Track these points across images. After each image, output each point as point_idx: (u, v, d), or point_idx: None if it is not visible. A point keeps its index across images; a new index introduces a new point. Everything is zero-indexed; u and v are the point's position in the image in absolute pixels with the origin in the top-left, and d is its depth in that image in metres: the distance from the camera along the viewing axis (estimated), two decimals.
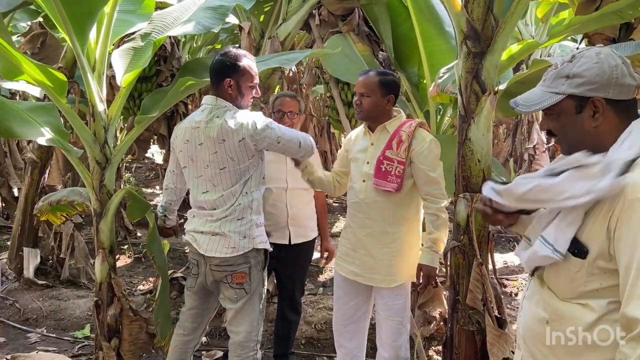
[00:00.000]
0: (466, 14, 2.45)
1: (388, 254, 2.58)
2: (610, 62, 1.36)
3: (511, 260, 5.64)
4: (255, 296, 2.52)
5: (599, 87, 1.35)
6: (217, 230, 2.46)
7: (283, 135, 2.47)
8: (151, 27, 3.16)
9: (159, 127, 5.00)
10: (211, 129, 2.42)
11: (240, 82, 2.48)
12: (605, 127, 1.37)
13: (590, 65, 1.36)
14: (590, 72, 1.36)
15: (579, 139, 1.42)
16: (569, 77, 1.39)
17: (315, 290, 4.66)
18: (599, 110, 1.36)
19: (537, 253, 1.42)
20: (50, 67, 2.72)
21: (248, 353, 2.52)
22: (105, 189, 2.87)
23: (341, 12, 4.08)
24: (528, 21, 6.23)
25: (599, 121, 1.37)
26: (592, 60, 1.37)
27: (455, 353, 2.57)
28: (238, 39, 5.76)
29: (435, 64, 3.54)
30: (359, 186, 2.63)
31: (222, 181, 2.46)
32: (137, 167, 10.70)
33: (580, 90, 1.37)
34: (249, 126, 2.39)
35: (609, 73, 1.35)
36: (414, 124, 2.58)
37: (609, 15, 2.44)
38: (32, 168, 4.69)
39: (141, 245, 5.75)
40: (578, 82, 1.37)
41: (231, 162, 2.42)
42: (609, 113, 1.37)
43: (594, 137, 1.39)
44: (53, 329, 3.96)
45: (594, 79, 1.35)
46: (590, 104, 1.37)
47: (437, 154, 2.56)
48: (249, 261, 2.48)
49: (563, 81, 1.40)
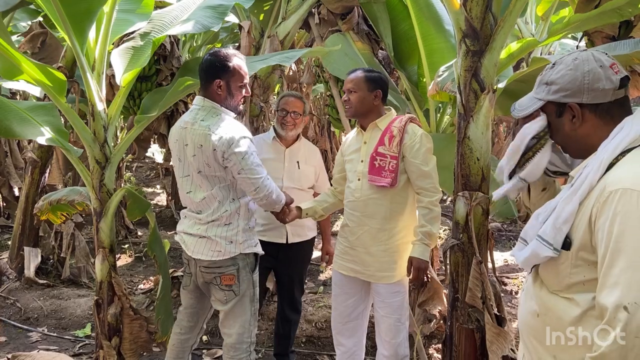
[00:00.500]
0: (465, 12, 2.45)
1: (386, 250, 2.61)
2: (584, 68, 1.40)
3: (511, 259, 5.64)
4: (245, 298, 2.52)
5: (571, 94, 1.41)
6: (204, 233, 2.48)
7: (250, 170, 2.40)
8: (150, 26, 3.16)
9: (159, 127, 4.99)
10: (194, 131, 2.43)
11: (230, 82, 2.47)
12: (587, 130, 1.42)
13: (565, 72, 1.42)
14: (563, 80, 1.42)
15: (564, 141, 1.50)
16: (547, 84, 1.46)
17: (315, 289, 4.66)
18: (576, 114, 1.41)
19: (539, 254, 1.42)
20: (50, 66, 2.73)
21: (241, 355, 2.54)
22: (105, 188, 2.87)
23: (341, 11, 4.08)
24: (528, 19, 6.22)
25: (576, 125, 1.43)
26: (567, 67, 1.42)
27: (454, 351, 2.58)
28: (238, 38, 5.75)
29: (434, 63, 3.54)
30: (355, 185, 2.66)
31: (202, 183, 2.48)
32: (138, 166, 10.71)
33: (556, 97, 1.44)
34: (224, 140, 2.36)
35: (580, 80, 1.40)
36: (404, 119, 2.61)
37: (609, 13, 2.44)
38: (33, 167, 4.70)
39: (142, 245, 5.76)
40: (554, 89, 1.44)
41: (206, 167, 2.43)
42: (589, 116, 1.42)
43: (578, 140, 1.45)
44: (54, 328, 3.97)
45: (566, 86, 1.42)
46: (568, 109, 1.43)
47: (428, 147, 2.58)
48: (236, 263, 2.49)
49: (543, 88, 1.47)
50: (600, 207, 1.29)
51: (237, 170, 2.39)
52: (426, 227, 2.56)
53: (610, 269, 1.24)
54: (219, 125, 2.40)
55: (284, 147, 3.20)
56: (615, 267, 1.23)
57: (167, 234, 6.24)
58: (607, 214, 1.27)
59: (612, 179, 1.30)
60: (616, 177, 1.29)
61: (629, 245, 1.22)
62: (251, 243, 2.54)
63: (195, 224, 2.53)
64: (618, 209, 1.25)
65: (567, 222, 1.36)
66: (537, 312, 1.47)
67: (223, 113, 2.47)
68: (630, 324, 1.18)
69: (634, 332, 1.18)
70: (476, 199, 2.49)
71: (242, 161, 2.38)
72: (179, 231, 2.63)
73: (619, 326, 1.19)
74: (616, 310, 1.20)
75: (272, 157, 3.16)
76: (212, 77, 2.46)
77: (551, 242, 1.38)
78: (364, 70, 2.69)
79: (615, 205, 1.25)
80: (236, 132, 2.40)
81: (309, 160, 3.26)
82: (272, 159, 3.15)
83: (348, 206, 2.72)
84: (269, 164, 3.09)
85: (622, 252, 1.22)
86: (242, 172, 2.39)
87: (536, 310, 1.47)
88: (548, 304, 1.44)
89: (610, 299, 1.22)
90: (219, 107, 2.47)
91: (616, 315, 1.20)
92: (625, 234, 1.23)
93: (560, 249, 1.37)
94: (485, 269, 2.50)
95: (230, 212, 2.46)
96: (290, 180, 3.15)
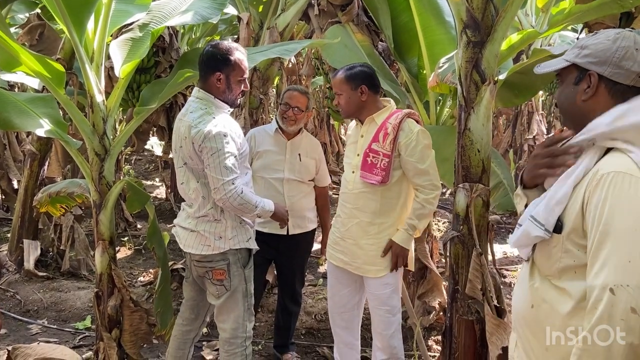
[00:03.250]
0: (466, 2, 2.43)
1: (375, 244, 2.63)
2: (622, 43, 1.36)
3: (511, 251, 5.65)
4: (237, 293, 2.52)
5: (598, 62, 1.38)
6: (194, 228, 2.49)
7: (215, 168, 2.33)
8: (149, 17, 3.14)
9: (158, 119, 4.98)
10: (183, 123, 2.44)
11: (230, 76, 2.46)
12: (594, 105, 1.39)
13: (602, 41, 1.39)
14: (597, 47, 1.38)
15: (567, 109, 1.47)
16: (581, 47, 1.42)
17: (315, 281, 4.67)
18: (592, 84, 1.38)
19: (530, 234, 1.42)
20: (49, 58, 2.71)
21: (235, 349, 2.55)
22: (105, 180, 2.86)
23: (340, 2, 4.05)
24: (528, 11, 6.19)
25: (588, 95, 1.39)
26: (607, 37, 1.39)
27: (454, 342, 2.58)
28: (237, 29, 5.72)
29: (435, 54, 3.52)
30: (349, 177, 2.70)
31: (190, 176, 2.48)
32: (137, 159, 10.68)
33: (583, 61, 1.40)
34: (201, 133, 2.33)
35: (612, 51, 1.36)
36: (400, 115, 2.60)
37: (609, 4, 2.42)
38: (32, 160, 4.69)
39: (141, 237, 5.76)
40: (585, 52, 1.40)
41: (190, 160, 2.43)
42: (602, 91, 1.38)
43: (580, 112, 1.41)
44: (54, 321, 3.98)
45: (597, 53, 1.38)
46: (587, 77, 1.39)
47: (425, 144, 2.57)
48: (227, 258, 2.49)
49: (576, 50, 1.43)
50: (592, 190, 1.29)
51: (205, 165, 2.37)
52: (413, 220, 2.60)
53: (599, 251, 1.25)
54: (203, 118, 2.38)
55: (286, 139, 3.20)
56: (604, 250, 1.24)
57: (167, 227, 6.23)
58: (598, 197, 1.27)
59: (606, 163, 1.30)
60: (610, 161, 1.30)
61: (617, 228, 1.23)
62: (242, 238, 2.53)
63: (187, 217, 2.54)
64: (609, 192, 1.25)
65: (560, 204, 1.36)
66: (531, 304, 1.46)
67: (214, 107, 2.46)
68: (615, 305, 1.19)
69: (619, 314, 1.19)
70: (476, 190, 2.48)
71: (211, 157, 2.34)
72: (175, 223, 2.66)
73: (603, 307, 1.20)
74: (602, 291, 1.21)
75: (274, 149, 3.17)
76: (212, 70, 2.44)
77: (543, 222, 1.39)
78: (345, 70, 2.66)
79: (607, 188, 1.26)
80: (216, 127, 2.35)
81: (310, 153, 3.25)
82: (274, 151, 3.16)
83: (341, 197, 2.75)
84: (270, 156, 3.14)
85: (611, 234, 1.23)
86: (208, 168, 2.36)
87: (530, 301, 1.47)
88: (542, 295, 1.43)
89: (597, 281, 1.23)
90: (212, 99, 2.46)
91: (602, 297, 1.21)
92: (615, 216, 1.24)
93: (552, 231, 1.37)
94: (485, 260, 2.50)
95: (215, 209, 2.46)
96: (292, 172, 3.16)
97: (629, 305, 1.18)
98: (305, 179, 3.23)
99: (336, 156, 8.53)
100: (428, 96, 3.75)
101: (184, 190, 2.54)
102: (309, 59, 5.84)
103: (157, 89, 3.13)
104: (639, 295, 1.18)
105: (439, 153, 2.78)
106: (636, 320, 1.17)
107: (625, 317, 1.18)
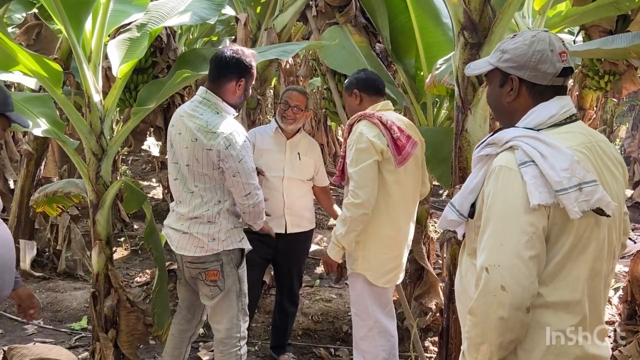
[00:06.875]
0: (463, 4, 2.44)
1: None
2: (537, 46, 1.46)
3: None
4: (231, 294, 2.52)
5: (516, 67, 1.48)
6: (187, 230, 2.48)
7: (246, 174, 2.39)
8: (147, 17, 3.14)
9: (155, 119, 4.96)
10: (192, 124, 2.42)
11: (248, 83, 2.51)
12: (517, 105, 1.52)
13: (520, 45, 1.49)
14: (515, 52, 1.49)
15: (496, 109, 1.61)
16: (502, 51, 1.52)
17: (312, 282, 4.67)
18: (514, 88, 1.49)
19: (447, 217, 1.61)
20: (46, 57, 2.71)
21: (230, 350, 2.55)
22: (102, 180, 2.86)
23: (338, 4, 4.05)
24: (525, 13, 6.20)
25: (511, 98, 1.52)
26: (524, 41, 1.49)
27: (451, 343, 2.59)
28: (234, 30, 5.72)
29: (432, 56, 3.53)
30: None
31: (188, 176, 2.47)
32: (134, 159, 10.66)
33: (504, 65, 1.51)
34: (221, 141, 2.34)
35: (529, 56, 1.46)
36: (355, 117, 2.65)
37: (606, 7, 2.44)
38: (28, 160, 4.68)
39: (138, 238, 5.75)
40: (505, 57, 1.51)
41: (195, 163, 2.42)
42: (523, 93, 1.50)
43: (507, 112, 1.55)
44: (50, 321, 3.97)
45: (516, 58, 1.48)
46: (510, 80, 1.50)
47: (359, 148, 2.53)
48: (220, 259, 2.49)
49: (498, 54, 1.54)
50: (486, 181, 1.46)
51: (232, 173, 2.38)
52: (337, 226, 2.63)
53: (483, 234, 1.42)
54: (218, 124, 2.38)
55: (285, 138, 3.22)
56: (485, 233, 1.41)
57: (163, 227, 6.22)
58: (489, 188, 1.44)
59: (497, 158, 1.45)
60: (500, 156, 1.45)
61: (495, 215, 1.39)
62: (235, 239, 2.53)
63: (179, 219, 2.53)
64: (493, 183, 1.42)
65: (472, 192, 1.53)
66: (460, 276, 1.65)
67: (224, 112, 2.46)
68: (488, 283, 1.36)
69: (492, 290, 1.35)
70: None
71: (239, 164, 2.36)
72: (165, 224, 2.64)
73: (482, 284, 1.37)
74: (481, 270, 1.38)
75: (274, 148, 3.19)
76: (235, 76, 2.45)
77: (458, 208, 1.56)
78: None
79: (493, 180, 1.42)
80: (235, 133, 2.39)
81: (309, 153, 3.28)
82: (274, 150, 3.19)
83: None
84: (270, 155, 3.16)
85: (491, 220, 1.40)
86: (238, 176, 2.38)
87: (459, 273, 1.66)
88: (466, 268, 1.61)
89: (479, 261, 1.40)
90: (221, 102, 2.46)
91: (481, 275, 1.38)
92: (494, 205, 1.40)
93: (466, 216, 1.54)
94: None
95: (212, 212, 2.45)
96: (291, 170, 3.18)
97: (499, 283, 1.34)
98: (305, 178, 3.24)
99: (333, 157, 8.52)
100: (425, 97, 3.76)
101: (177, 185, 2.53)
102: (307, 60, 5.84)
103: (155, 89, 3.14)
104: (508, 274, 1.33)
105: (436, 154, 2.79)
106: (505, 297, 1.33)
107: (497, 294, 1.34)
